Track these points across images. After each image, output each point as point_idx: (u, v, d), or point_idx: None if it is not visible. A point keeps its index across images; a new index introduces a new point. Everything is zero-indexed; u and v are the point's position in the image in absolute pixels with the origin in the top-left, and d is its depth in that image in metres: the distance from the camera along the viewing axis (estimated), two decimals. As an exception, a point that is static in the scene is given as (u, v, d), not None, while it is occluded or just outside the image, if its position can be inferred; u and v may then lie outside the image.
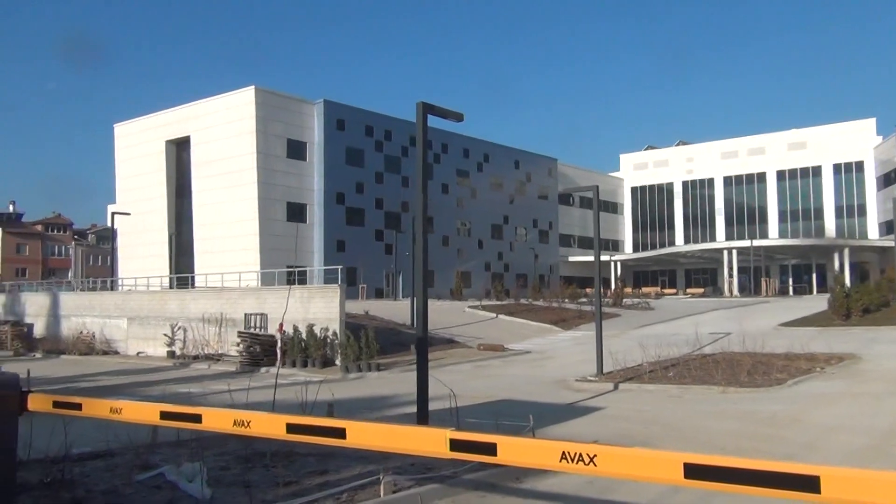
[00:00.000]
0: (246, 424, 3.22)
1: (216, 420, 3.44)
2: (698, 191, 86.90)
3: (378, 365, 23.68)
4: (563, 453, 2.40)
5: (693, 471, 2.23)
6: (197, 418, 3.49)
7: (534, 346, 30.61)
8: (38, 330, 38.12)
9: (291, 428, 3.10)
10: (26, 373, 17.09)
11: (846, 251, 64.48)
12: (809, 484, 2.08)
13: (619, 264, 75.62)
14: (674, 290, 76.24)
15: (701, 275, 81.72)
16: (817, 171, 79.05)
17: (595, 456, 2.34)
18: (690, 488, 7.74)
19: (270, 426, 3.23)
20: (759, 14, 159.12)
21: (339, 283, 26.52)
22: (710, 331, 29.16)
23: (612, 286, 59.91)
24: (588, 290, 58.11)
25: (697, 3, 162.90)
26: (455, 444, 2.69)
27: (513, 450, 2.58)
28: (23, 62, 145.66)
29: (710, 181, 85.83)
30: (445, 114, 11.69)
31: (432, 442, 2.74)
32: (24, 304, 41.44)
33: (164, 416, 3.65)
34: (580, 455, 2.37)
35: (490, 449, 2.62)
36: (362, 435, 2.96)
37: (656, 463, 2.28)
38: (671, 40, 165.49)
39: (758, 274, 64.03)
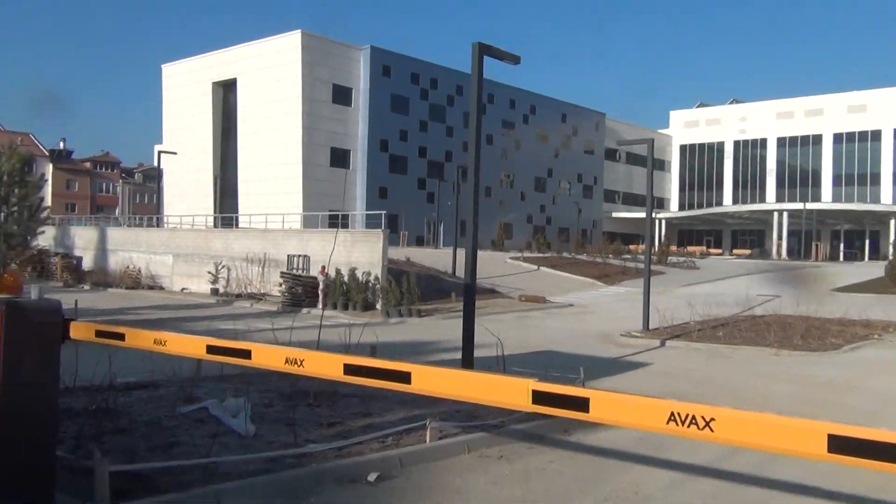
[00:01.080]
0: (299, 363, 2.95)
1: (267, 357, 3.18)
2: (750, 151, 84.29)
3: (419, 311, 23.58)
4: (672, 414, 2.07)
5: (840, 444, 1.89)
6: (246, 354, 3.24)
7: (576, 299, 30.24)
8: (87, 263, 38.80)
9: (350, 369, 2.81)
10: (74, 303, 17.34)
11: (903, 217, 62.27)
12: None
13: (663, 222, 74.27)
14: (719, 251, 74.69)
15: (748, 236, 79.86)
16: (876, 135, 75.91)
17: (712, 420, 2.01)
18: (749, 452, 7.41)
19: (326, 366, 2.94)
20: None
21: (383, 228, 26.34)
22: (760, 292, 28.43)
23: (658, 244, 58.88)
24: (632, 246, 57.27)
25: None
26: (538, 397, 2.37)
27: (609, 406, 2.25)
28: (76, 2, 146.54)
29: (763, 141, 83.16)
30: (502, 55, 11.19)
31: (511, 393, 2.43)
32: (73, 238, 42.18)
33: (211, 350, 3.41)
34: (693, 417, 2.04)
35: (580, 404, 2.29)
36: (429, 381, 2.65)
37: (792, 433, 1.94)
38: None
39: (808, 238, 62.30)
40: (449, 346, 14.52)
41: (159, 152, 52.58)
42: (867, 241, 69.85)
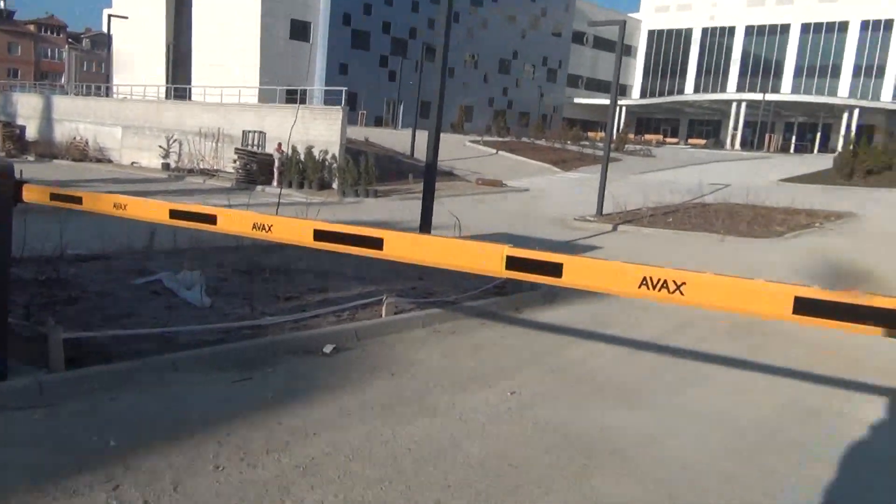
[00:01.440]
0: (267, 228, 2.89)
1: (233, 222, 3.10)
2: (717, 39, 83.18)
3: (376, 191, 23.47)
4: (645, 279, 2.10)
5: (805, 305, 1.96)
6: (211, 219, 3.15)
7: (533, 184, 30.38)
8: (31, 133, 37.34)
9: (320, 235, 2.76)
10: (19, 173, 16.78)
11: (856, 112, 63.00)
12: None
13: (624, 109, 74.01)
14: (675, 140, 75.11)
15: (705, 126, 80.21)
16: (843, 26, 75.26)
17: (683, 284, 2.04)
18: (690, 331, 7.75)
19: (295, 231, 2.89)
20: None
21: (342, 105, 25.71)
22: (711, 181, 28.91)
23: (616, 132, 58.86)
24: (590, 133, 57.21)
25: None
26: (512, 262, 2.37)
27: (582, 271, 2.27)
28: None
29: (731, 30, 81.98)
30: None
31: (486, 258, 2.42)
32: (16, 105, 40.38)
33: (175, 214, 3.32)
34: (664, 282, 2.07)
35: (554, 269, 2.31)
36: (402, 247, 2.63)
37: (761, 295, 1.99)
38: None
39: (763, 129, 62.93)
40: (405, 227, 14.52)
41: (109, 17, 49.76)
42: (819, 134, 70.83)
